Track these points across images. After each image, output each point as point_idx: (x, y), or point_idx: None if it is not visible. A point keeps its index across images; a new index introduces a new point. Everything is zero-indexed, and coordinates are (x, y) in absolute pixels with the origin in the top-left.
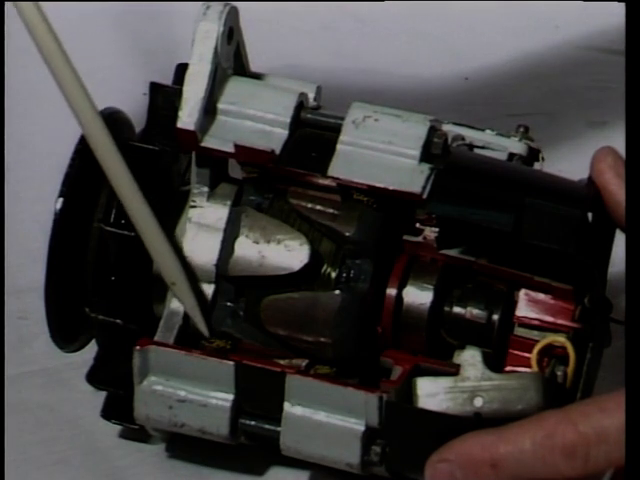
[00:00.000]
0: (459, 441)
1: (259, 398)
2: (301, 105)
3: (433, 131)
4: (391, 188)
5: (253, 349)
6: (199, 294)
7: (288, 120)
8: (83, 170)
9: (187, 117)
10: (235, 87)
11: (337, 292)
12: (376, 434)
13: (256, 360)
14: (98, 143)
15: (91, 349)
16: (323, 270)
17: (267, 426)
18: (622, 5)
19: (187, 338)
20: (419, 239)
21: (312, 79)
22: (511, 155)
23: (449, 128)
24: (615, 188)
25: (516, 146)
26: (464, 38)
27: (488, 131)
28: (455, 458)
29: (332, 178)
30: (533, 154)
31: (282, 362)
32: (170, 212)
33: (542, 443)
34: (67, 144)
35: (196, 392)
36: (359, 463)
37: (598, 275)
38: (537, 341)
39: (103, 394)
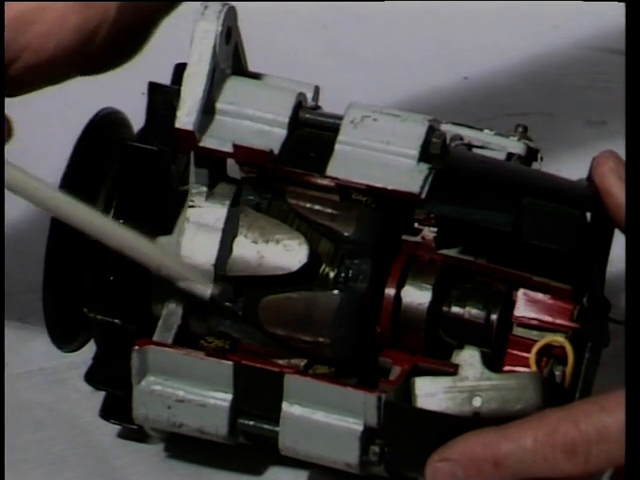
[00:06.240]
0: (460, 440)
1: (258, 398)
2: (299, 105)
3: (432, 131)
4: (390, 188)
5: (252, 349)
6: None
7: (286, 120)
8: (82, 169)
9: (185, 117)
10: (233, 87)
11: (336, 292)
12: (375, 434)
13: (255, 360)
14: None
15: (90, 349)
16: (322, 270)
17: (266, 426)
18: (622, 5)
19: (186, 338)
20: (418, 239)
21: (311, 79)
22: (510, 155)
23: (448, 128)
24: (617, 191)
25: (515, 146)
26: (464, 38)
27: (487, 131)
28: (457, 457)
29: (331, 178)
30: (532, 154)
31: (281, 362)
32: (169, 212)
33: (544, 441)
34: (66, 144)
35: (195, 392)
36: (358, 463)
37: (597, 275)
38: (536, 341)
39: (102, 394)
